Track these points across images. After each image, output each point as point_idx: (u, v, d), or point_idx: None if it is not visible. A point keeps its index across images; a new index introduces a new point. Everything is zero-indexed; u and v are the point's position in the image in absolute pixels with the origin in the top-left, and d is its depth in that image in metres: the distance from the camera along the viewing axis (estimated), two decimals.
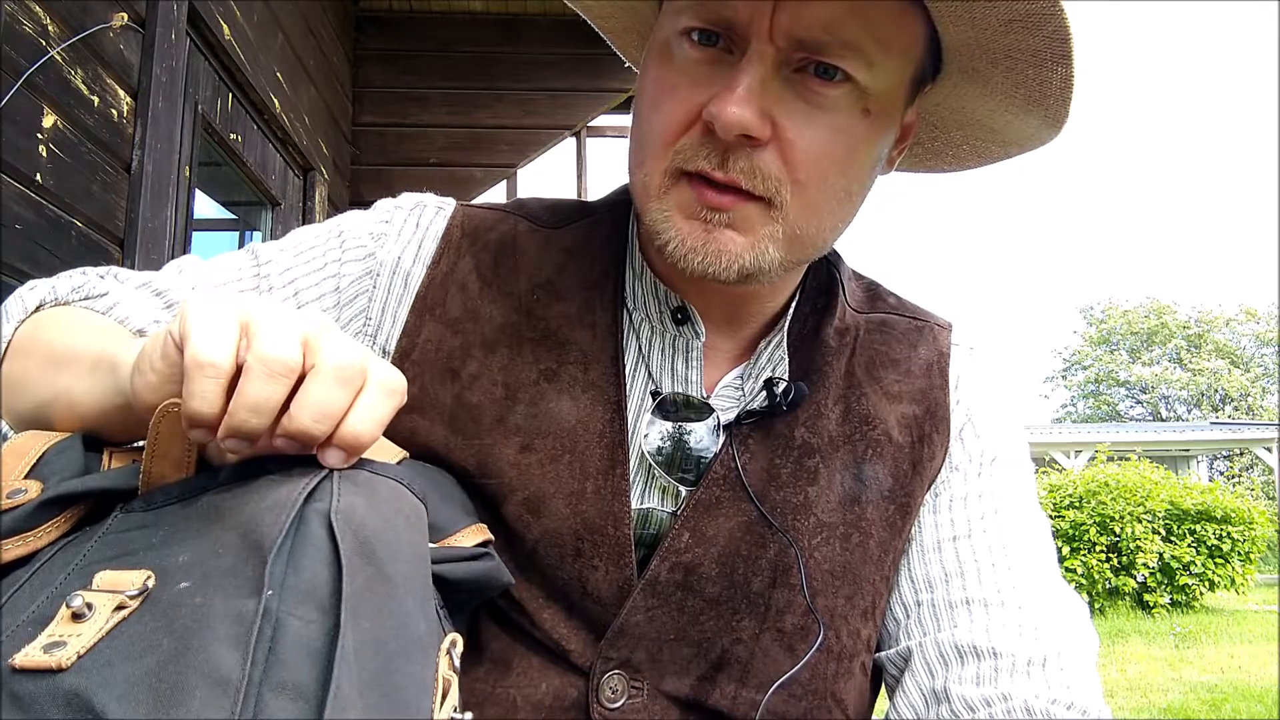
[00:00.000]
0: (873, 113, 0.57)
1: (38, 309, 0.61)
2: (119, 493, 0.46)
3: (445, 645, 0.43)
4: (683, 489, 0.65)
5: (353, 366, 0.42)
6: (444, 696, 0.42)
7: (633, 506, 0.64)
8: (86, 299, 0.63)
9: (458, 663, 0.44)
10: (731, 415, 0.67)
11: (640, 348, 0.68)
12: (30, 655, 0.35)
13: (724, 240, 0.57)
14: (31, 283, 0.63)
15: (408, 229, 0.70)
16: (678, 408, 0.66)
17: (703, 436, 0.66)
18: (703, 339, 0.68)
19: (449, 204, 0.73)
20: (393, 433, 0.64)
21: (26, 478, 0.46)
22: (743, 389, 0.69)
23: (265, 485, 0.42)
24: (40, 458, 0.47)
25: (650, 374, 0.67)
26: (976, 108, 0.64)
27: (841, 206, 0.61)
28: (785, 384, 0.66)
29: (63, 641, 0.36)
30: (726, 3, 0.54)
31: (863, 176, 0.61)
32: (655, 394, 0.66)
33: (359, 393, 0.43)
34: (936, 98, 0.65)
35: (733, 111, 0.53)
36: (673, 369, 0.68)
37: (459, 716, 0.42)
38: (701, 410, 0.66)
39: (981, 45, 0.57)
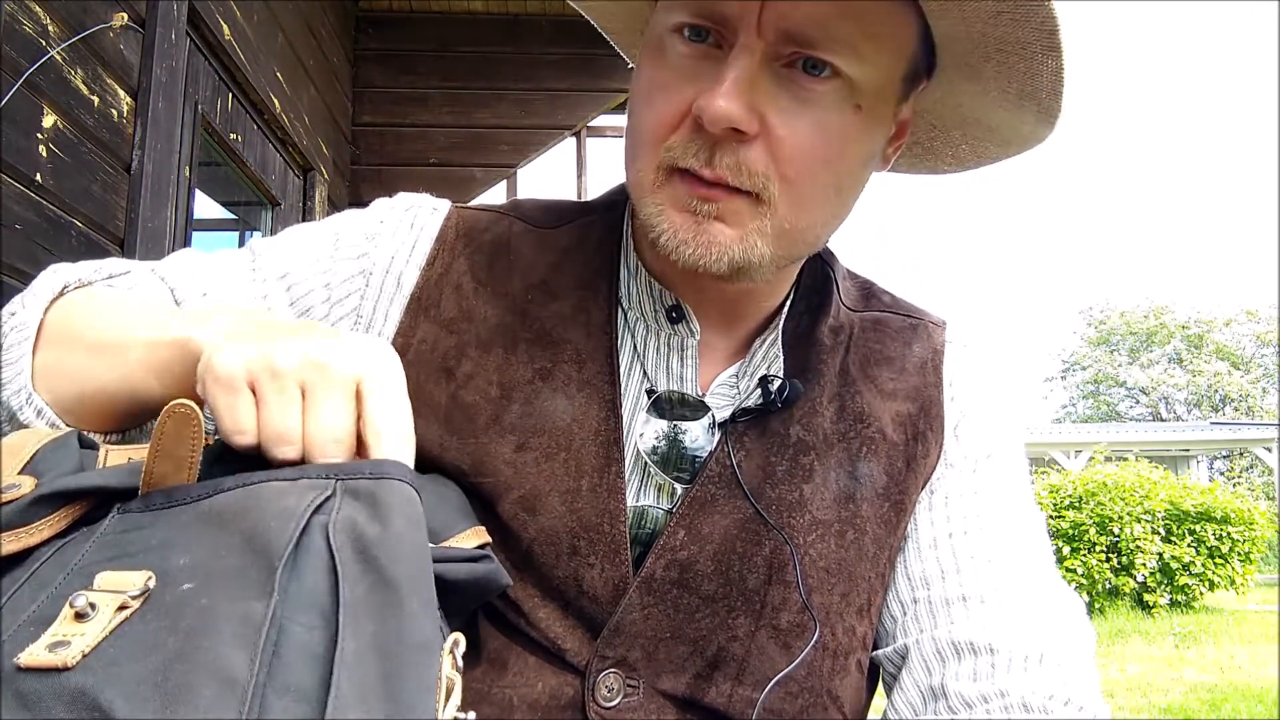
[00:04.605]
0: (864, 108, 0.57)
1: (61, 293, 0.63)
2: (115, 491, 0.46)
3: (448, 645, 0.44)
4: (678, 487, 0.65)
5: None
6: (448, 696, 0.42)
7: (628, 504, 0.64)
8: (110, 277, 0.65)
9: (460, 662, 0.45)
10: (727, 413, 0.67)
11: (635, 346, 0.68)
12: (35, 654, 0.36)
13: (714, 232, 0.58)
14: (53, 267, 0.65)
15: (402, 229, 0.70)
16: (673, 405, 0.66)
17: (698, 434, 0.66)
18: (697, 337, 0.68)
19: (444, 205, 0.73)
20: None
21: (20, 474, 0.46)
22: (738, 387, 0.69)
23: (271, 494, 0.43)
24: (34, 455, 0.47)
25: (645, 372, 0.68)
26: (972, 105, 0.65)
27: (831, 202, 0.61)
28: (780, 381, 0.66)
29: (66, 641, 0.36)
30: None
31: (854, 172, 0.61)
32: (650, 392, 0.67)
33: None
34: (933, 96, 0.65)
35: (720, 105, 0.53)
36: (668, 367, 0.68)
37: (462, 716, 0.42)
38: (696, 408, 0.67)
39: (972, 39, 0.57)
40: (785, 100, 0.56)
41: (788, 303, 0.71)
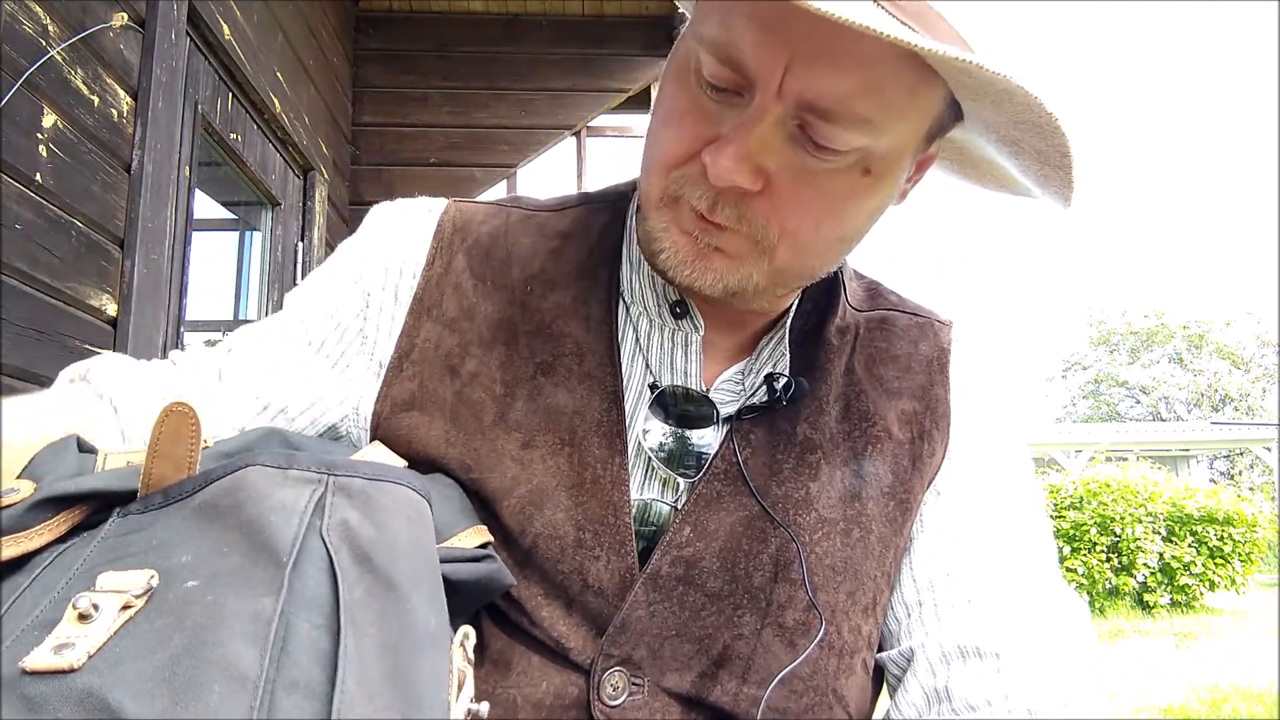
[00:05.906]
0: (874, 171, 0.56)
1: None
2: (115, 495, 0.46)
3: (459, 638, 0.44)
4: (683, 482, 0.65)
5: None
6: (459, 688, 0.42)
7: (632, 497, 0.64)
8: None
9: (471, 655, 0.44)
10: (732, 410, 0.67)
11: (638, 340, 0.68)
12: (40, 657, 0.35)
13: (712, 259, 0.59)
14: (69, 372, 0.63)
15: (394, 236, 0.70)
16: (677, 401, 0.66)
17: (704, 431, 0.66)
18: (701, 333, 0.68)
19: (440, 203, 0.73)
20: (391, 431, 0.64)
21: (19, 478, 0.46)
22: (743, 384, 0.69)
23: (263, 483, 0.42)
24: (33, 459, 0.47)
25: (649, 367, 0.68)
26: (997, 158, 0.64)
27: (832, 250, 0.62)
28: (786, 379, 0.66)
29: (71, 643, 0.36)
30: (741, 50, 0.53)
31: (859, 223, 0.61)
32: (653, 387, 0.66)
33: None
34: (965, 134, 0.63)
35: (725, 165, 0.54)
36: (671, 362, 0.68)
37: (475, 707, 0.42)
38: (701, 404, 0.66)
39: (993, 128, 0.57)
40: (794, 161, 0.55)
41: (795, 302, 0.70)
